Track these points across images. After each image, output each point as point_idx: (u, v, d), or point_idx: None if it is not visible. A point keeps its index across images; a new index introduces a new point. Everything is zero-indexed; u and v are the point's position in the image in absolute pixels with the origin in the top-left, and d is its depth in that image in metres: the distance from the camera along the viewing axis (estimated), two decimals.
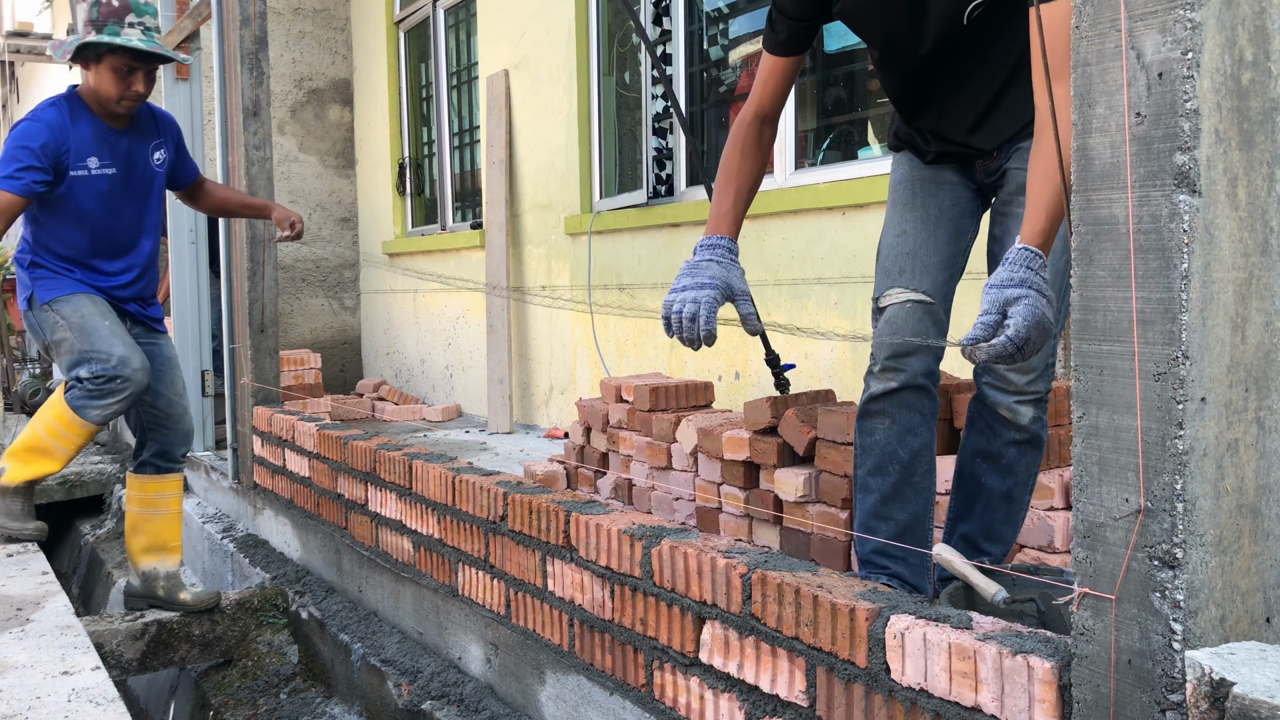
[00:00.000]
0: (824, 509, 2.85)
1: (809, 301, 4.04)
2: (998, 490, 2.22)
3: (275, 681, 3.76)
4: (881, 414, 2.18)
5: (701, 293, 1.95)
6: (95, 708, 2.41)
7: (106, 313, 3.32)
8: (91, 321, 3.26)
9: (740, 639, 1.91)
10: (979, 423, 2.23)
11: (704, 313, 1.93)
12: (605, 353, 5.27)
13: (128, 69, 3.18)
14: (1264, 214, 1.28)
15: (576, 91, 5.42)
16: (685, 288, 1.96)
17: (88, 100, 3.29)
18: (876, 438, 2.19)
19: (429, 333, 7.19)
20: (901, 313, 2.16)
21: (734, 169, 2.16)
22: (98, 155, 3.30)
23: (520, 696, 2.67)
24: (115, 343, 3.24)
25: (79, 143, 3.25)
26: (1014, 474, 2.21)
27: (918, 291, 2.16)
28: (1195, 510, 1.23)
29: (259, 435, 4.52)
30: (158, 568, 3.64)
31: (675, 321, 1.95)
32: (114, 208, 3.36)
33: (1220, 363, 1.25)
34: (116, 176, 3.34)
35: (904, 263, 2.18)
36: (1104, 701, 1.31)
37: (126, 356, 3.23)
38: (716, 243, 2.04)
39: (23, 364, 11.53)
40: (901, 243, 2.20)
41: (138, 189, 3.42)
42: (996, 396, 2.15)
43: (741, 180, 2.15)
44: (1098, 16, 1.27)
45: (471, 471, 2.95)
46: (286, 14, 7.85)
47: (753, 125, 2.18)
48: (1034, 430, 2.17)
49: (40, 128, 3.19)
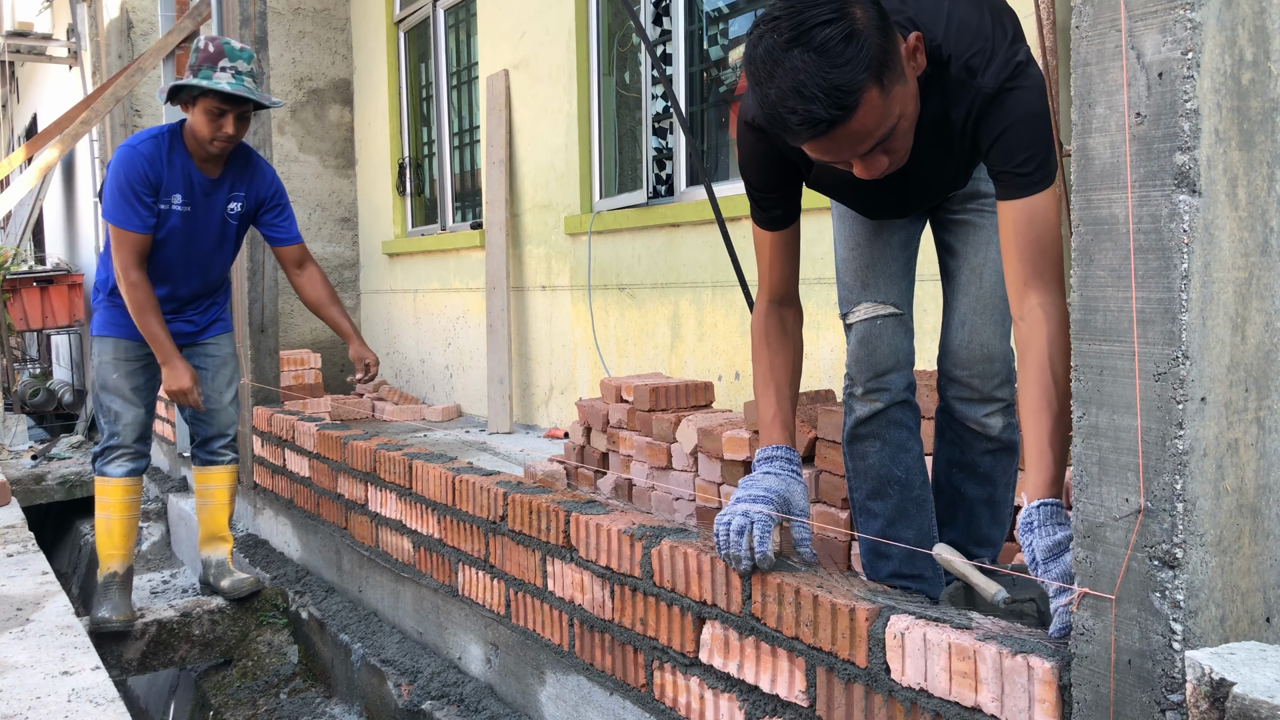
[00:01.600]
0: (824, 509, 2.85)
1: (809, 302, 4.03)
2: (979, 497, 2.20)
3: (275, 681, 3.76)
4: (872, 437, 2.14)
5: (754, 506, 1.79)
6: (95, 708, 2.41)
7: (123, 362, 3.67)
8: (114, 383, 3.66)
9: (740, 639, 1.91)
10: (949, 434, 2.18)
11: (757, 531, 1.77)
12: (605, 353, 5.27)
13: (218, 111, 3.38)
14: (1264, 214, 1.28)
15: (576, 91, 5.42)
16: (739, 500, 1.82)
17: (187, 139, 3.50)
18: (870, 461, 2.15)
19: (429, 333, 7.19)
20: (874, 329, 2.11)
21: (766, 367, 1.99)
22: (181, 192, 3.52)
23: (520, 696, 2.67)
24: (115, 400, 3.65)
25: (170, 178, 3.49)
26: (992, 481, 2.18)
27: (885, 304, 2.10)
28: (1195, 510, 1.23)
29: (259, 435, 4.52)
30: (211, 556, 3.98)
31: (723, 535, 1.80)
32: (184, 246, 3.60)
33: (1220, 363, 1.25)
34: (191, 215, 3.57)
35: (865, 275, 2.12)
36: (1104, 701, 1.31)
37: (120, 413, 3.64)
38: (773, 454, 1.90)
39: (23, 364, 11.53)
40: (857, 256, 2.13)
41: (209, 232, 3.64)
42: (964, 410, 2.11)
43: (779, 376, 1.98)
44: (1098, 16, 1.27)
45: (471, 471, 2.95)
46: (286, 14, 7.85)
47: (771, 314, 2.01)
48: (1006, 438, 2.13)
49: (140, 161, 3.43)
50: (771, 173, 1.92)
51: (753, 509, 1.80)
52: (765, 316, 2.01)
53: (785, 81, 1.49)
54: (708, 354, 4.61)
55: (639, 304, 5.03)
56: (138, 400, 3.69)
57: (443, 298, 6.97)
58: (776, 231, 1.98)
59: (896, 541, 2.16)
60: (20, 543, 3.92)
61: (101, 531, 3.72)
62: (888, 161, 1.63)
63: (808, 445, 2.92)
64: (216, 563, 3.95)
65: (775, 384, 1.98)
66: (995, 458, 2.16)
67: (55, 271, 9.68)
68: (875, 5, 1.55)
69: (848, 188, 1.95)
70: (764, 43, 1.52)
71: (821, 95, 1.48)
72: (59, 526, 6.91)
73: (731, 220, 4.18)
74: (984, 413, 2.10)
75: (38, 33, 10.52)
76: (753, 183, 1.95)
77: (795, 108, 1.49)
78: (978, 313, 2.05)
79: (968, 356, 2.06)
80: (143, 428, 3.72)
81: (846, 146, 1.57)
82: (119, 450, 3.67)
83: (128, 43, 7.48)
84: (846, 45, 1.48)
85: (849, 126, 1.53)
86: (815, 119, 1.50)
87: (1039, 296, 1.63)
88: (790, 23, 1.49)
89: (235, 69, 3.36)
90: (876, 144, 1.58)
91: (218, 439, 3.89)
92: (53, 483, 6.72)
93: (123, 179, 3.42)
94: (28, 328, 9.39)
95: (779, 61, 1.49)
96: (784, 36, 1.49)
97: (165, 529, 5.60)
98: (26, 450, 7.73)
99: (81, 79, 8.99)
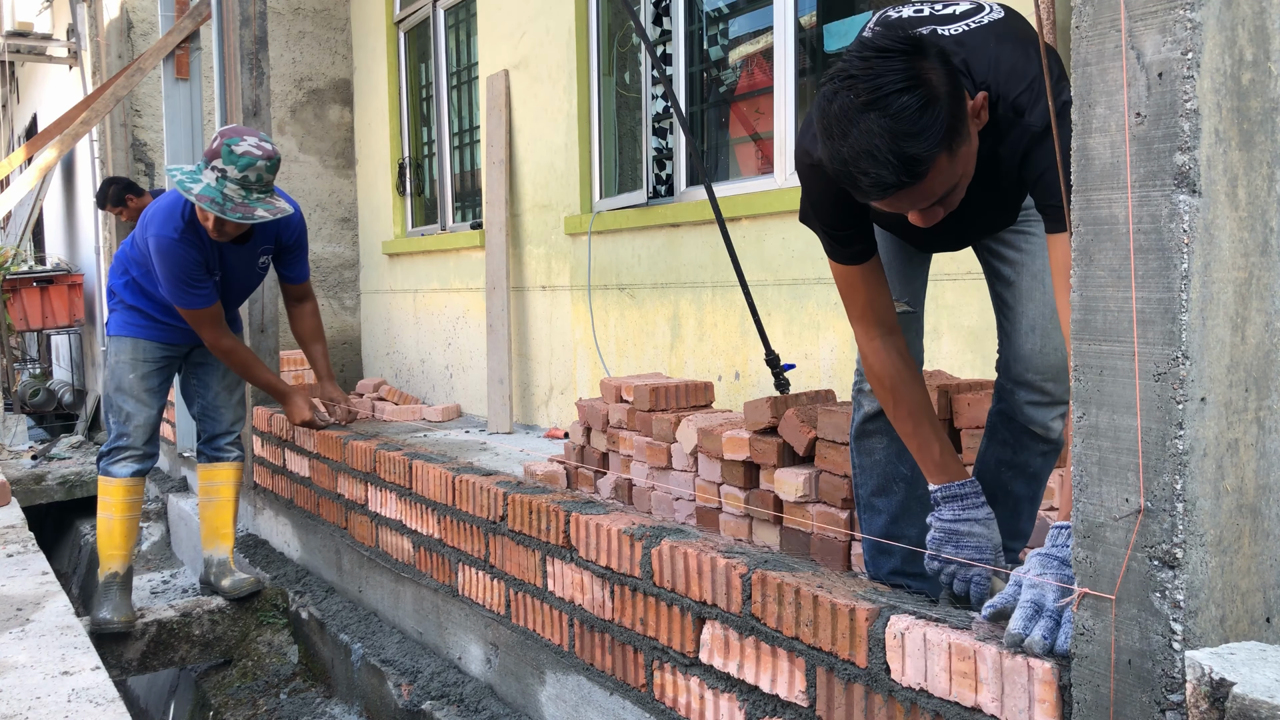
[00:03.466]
0: (824, 509, 2.84)
1: (809, 301, 4.03)
2: (1025, 495, 2.21)
3: (275, 681, 3.76)
4: (880, 433, 2.16)
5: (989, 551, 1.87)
6: (95, 708, 2.41)
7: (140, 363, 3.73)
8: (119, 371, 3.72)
9: (740, 639, 1.91)
10: (1003, 434, 2.19)
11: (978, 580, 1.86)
12: (605, 353, 5.27)
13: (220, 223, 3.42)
14: (1264, 214, 1.28)
15: (576, 91, 5.42)
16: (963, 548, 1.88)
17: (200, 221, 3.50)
18: (877, 457, 2.17)
19: (429, 333, 7.19)
20: None
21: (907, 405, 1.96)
22: (219, 266, 3.65)
23: (520, 696, 2.67)
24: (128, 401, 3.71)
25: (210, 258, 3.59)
26: (1039, 480, 2.21)
27: (900, 302, 2.14)
28: (1195, 510, 1.23)
29: (259, 435, 4.52)
30: (213, 555, 3.98)
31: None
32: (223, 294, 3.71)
33: (1220, 363, 1.25)
34: (227, 276, 3.68)
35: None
36: (1104, 701, 1.31)
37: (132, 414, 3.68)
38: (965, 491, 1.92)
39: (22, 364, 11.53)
40: None
41: (243, 281, 3.77)
42: (1033, 413, 2.11)
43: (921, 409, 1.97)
44: (1098, 16, 1.27)
45: (471, 471, 2.94)
46: (286, 14, 7.85)
47: (889, 347, 1.99)
48: (1060, 440, 2.15)
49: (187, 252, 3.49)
50: (843, 209, 1.93)
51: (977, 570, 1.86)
52: (884, 351, 1.98)
53: (859, 143, 1.52)
54: (708, 354, 4.61)
55: (639, 304, 5.03)
56: (151, 402, 3.72)
57: (443, 298, 6.97)
58: (862, 265, 1.98)
59: (899, 539, 2.17)
60: (20, 543, 3.92)
61: (103, 531, 3.73)
62: (943, 212, 1.68)
63: (807, 445, 2.92)
64: (218, 562, 3.96)
65: (930, 419, 1.97)
66: (1046, 459, 2.18)
67: (55, 271, 9.67)
68: (946, 65, 1.58)
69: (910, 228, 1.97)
70: (839, 100, 1.55)
71: (895, 161, 1.51)
72: (59, 526, 6.91)
73: (731, 220, 4.18)
74: (1052, 416, 2.11)
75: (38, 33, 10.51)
76: (827, 223, 1.95)
77: (867, 169, 1.53)
78: (1047, 317, 2.06)
79: (1043, 362, 2.06)
80: (152, 429, 3.75)
81: (909, 203, 1.62)
82: (127, 451, 3.69)
83: (128, 43, 7.48)
84: (921, 115, 1.51)
85: (916, 188, 1.57)
86: (885, 183, 1.54)
87: None
88: (867, 85, 1.52)
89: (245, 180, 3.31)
90: (938, 200, 1.64)
91: (224, 436, 3.92)
92: (53, 483, 6.72)
93: (179, 271, 3.49)
94: (28, 328, 9.39)
95: (854, 121, 1.52)
96: (861, 98, 1.52)
97: (165, 529, 5.60)
98: (26, 450, 7.73)
99: (81, 79, 8.99)
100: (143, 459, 3.72)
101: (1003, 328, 2.15)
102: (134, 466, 3.70)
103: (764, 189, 4.27)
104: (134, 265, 3.74)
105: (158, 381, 3.73)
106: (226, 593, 3.88)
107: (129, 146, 7.50)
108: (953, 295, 3.42)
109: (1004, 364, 2.16)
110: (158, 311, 3.73)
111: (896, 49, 1.54)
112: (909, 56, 1.54)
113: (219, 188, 3.31)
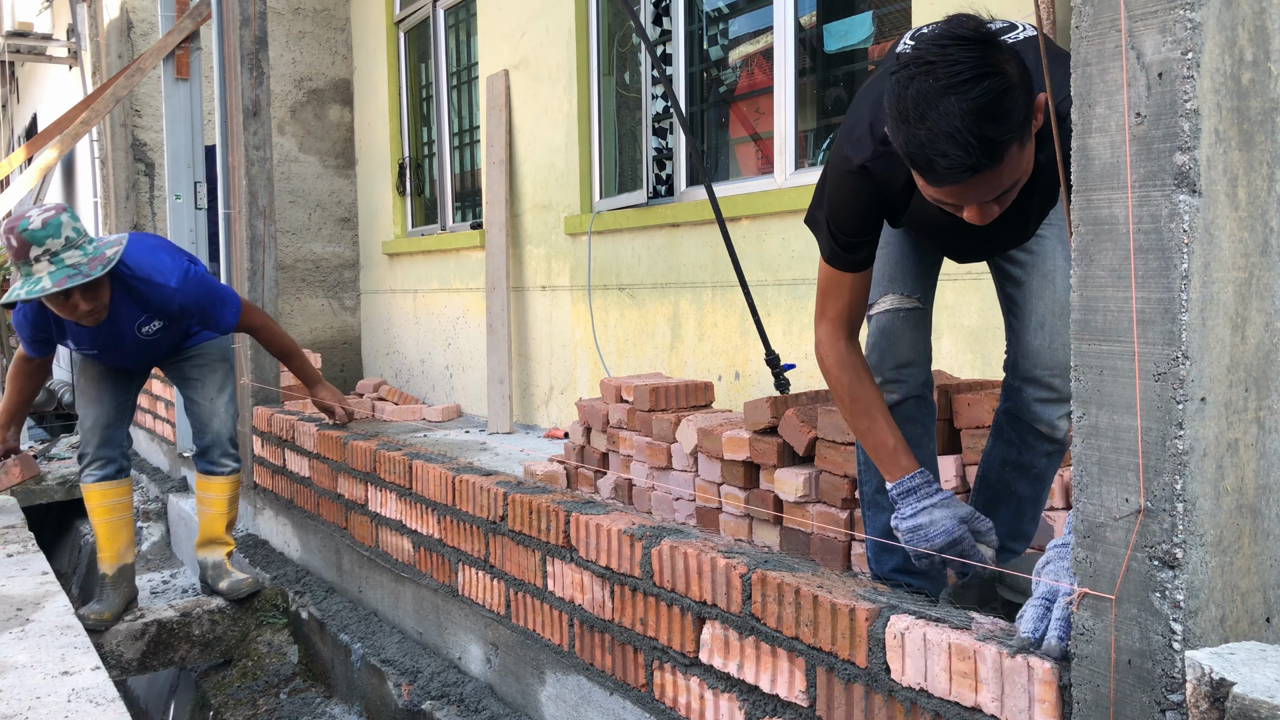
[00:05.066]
0: (824, 509, 2.84)
1: (809, 301, 4.03)
2: (1028, 496, 2.22)
3: (275, 681, 3.76)
4: None
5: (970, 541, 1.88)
6: (95, 708, 2.41)
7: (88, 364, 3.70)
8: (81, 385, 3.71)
9: (740, 639, 1.91)
10: (1009, 434, 2.20)
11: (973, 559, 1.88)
12: (605, 353, 5.27)
13: (62, 298, 3.12)
14: (1264, 214, 1.28)
15: (576, 91, 5.42)
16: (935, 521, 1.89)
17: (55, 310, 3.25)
18: None
19: (429, 333, 7.18)
20: (896, 321, 2.15)
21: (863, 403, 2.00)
22: (76, 342, 3.50)
23: (520, 696, 2.67)
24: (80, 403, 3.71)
25: (59, 334, 3.49)
26: (1044, 481, 2.21)
27: (910, 298, 2.15)
28: (1195, 510, 1.23)
29: (259, 435, 4.52)
30: (207, 558, 4.00)
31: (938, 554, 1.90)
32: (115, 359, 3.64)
33: (1220, 363, 1.25)
34: (102, 355, 3.59)
35: (892, 270, 2.17)
36: (1104, 701, 1.31)
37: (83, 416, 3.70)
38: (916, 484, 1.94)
39: None
40: (885, 254, 2.18)
41: (135, 347, 3.57)
42: (1041, 411, 2.12)
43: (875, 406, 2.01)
44: (1098, 16, 1.27)
45: (471, 471, 2.95)
46: (286, 14, 7.84)
47: (851, 348, 2.04)
48: (1065, 441, 2.16)
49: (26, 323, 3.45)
50: (872, 219, 1.96)
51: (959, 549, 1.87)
52: (847, 351, 2.02)
53: (939, 125, 1.54)
54: (708, 354, 4.61)
55: (639, 304, 5.03)
56: (102, 399, 3.68)
57: (443, 298, 6.97)
58: (857, 273, 2.01)
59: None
60: (20, 543, 3.92)
61: (94, 534, 3.76)
62: (998, 210, 1.69)
63: (807, 445, 2.92)
64: (213, 564, 3.97)
65: (882, 413, 1.99)
66: (1051, 460, 2.18)
67: None
68: (1020, 62, 1.61)
69: (941, 231, 2.00)
70: (916, 85, 1.57)
71: (975, 143, 1.53)
72: (59, 526, 6.90)
73: (731, 220, 4.18)
74: (1059, 414, 2.11)
75: (38, 33, 10.51)
76: (849, 229, 1.96)
77: (946, 151, 1.55)
78: (1057, 315, 2.08)
79: (1050, 358, 2.08)
80: (103, 431, 3.68)
81: (975, 194, 1.63)
82: (87, 458, 3.69)
83: (128, 43, 7.48)
84: (1001, 100, 1.54)
85: (988, 175, 1.59)
86: (963, 165, 1.55)
87: None
88: (947, 70, 1.54)
89: (48, 250, 3.04)
90: (1001, 194, 1.64)
91: (214, 448, 3.87)
92: (53, 483, 6.71)
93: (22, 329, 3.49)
94: None
95: (932, 105, 1.54)
96: (940, 82, 1.54)
97: (165, 529, 5.59)
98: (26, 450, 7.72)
99: (81, 79, 8.99)
100: (104, 464, 3.68)
101: (1011, 326, 2.17)
102: (97, 473, 3.67)
103: (764, 189, 4.27)
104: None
105: (108, 388, 3.68)
106: (225, 594, 3.88)
107: (129, 146, 7.50)
108: (953, 295, 3.42)
109: (1012, 362, 2.17)
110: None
111: (974, 38, 1.57)
112: (986, 46, 1.56)
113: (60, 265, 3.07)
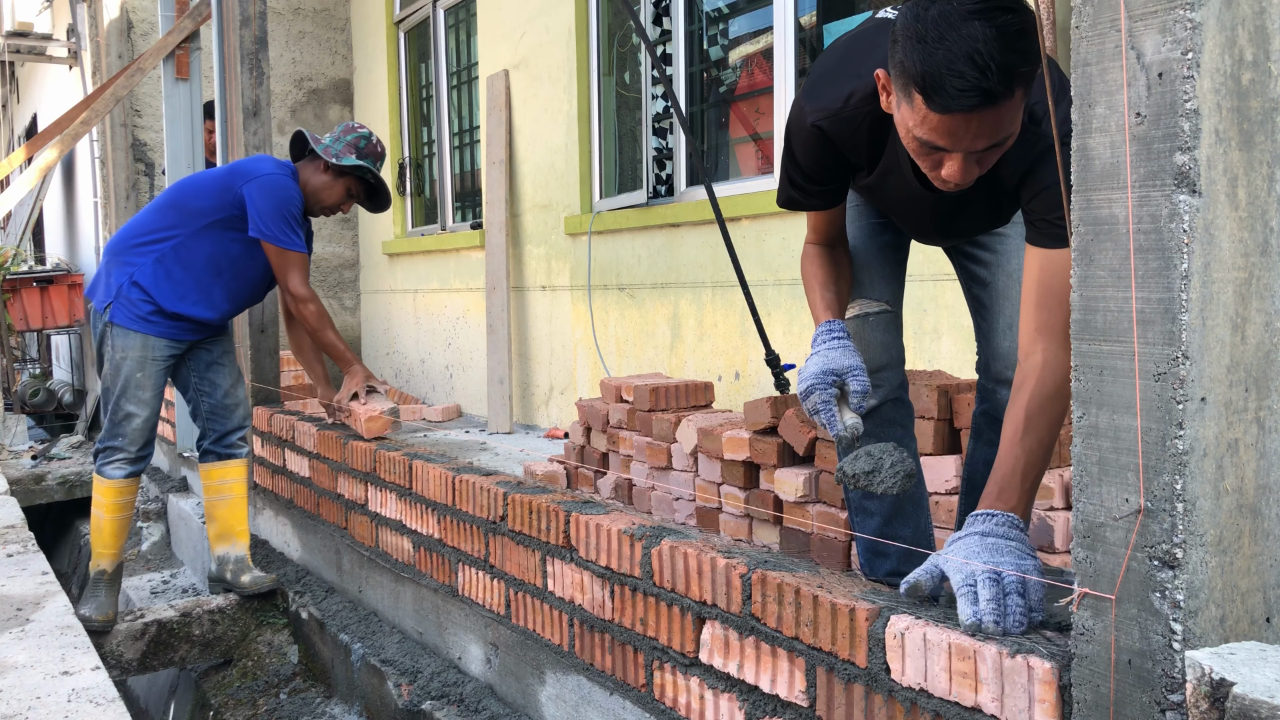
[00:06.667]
0: (824, 509, 2.84)
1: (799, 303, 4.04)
2: None
3: (275, 681, 3.76)
4: (868, 435, 2.15)
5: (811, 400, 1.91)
6: (95, 708, 2.41)
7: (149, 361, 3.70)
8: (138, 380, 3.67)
9: (740, 639, 1.91)
10: (988, 435, 2.19)
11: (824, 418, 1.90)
12: (605, 353, 5.27)
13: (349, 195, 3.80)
14: (1264, 214, 1.28)
15: (576, 91, 5.42)
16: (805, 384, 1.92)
17: (304, 187, 3.76)
18: None
19: (429, 333, 7.18)
20: (865, 326, 2.14)
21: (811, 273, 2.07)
22: None
23: (520, 696, 2.67)
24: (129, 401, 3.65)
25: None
26: None
27: (879, 302, 2.15)
28: (1195, 510, 1.23)
29: (259, 435, 4.52)
30: (228, 553, 3.95)
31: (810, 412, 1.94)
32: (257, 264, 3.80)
33: (1220, 363, 1.25)
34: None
35: (859, 275, 2.17)
36: (1104, 701, 1.31)
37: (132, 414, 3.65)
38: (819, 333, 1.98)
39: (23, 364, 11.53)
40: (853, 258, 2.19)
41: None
42: None
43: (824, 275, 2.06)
44: (1098, 16, 1.27)
45: (471, 471, 2.95)
46: (286, 14, 7.84)
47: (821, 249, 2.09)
48: None
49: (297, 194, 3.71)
50: (825, 172, 1.97)
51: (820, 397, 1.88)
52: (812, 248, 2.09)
53: (959, 46, 1.52)
54: (708, 354, 4.61)
55: (639, 304, 5.03)
56: (152, 403, 3.68)
57: (443, 298, 6.97)
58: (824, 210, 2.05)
59: (894, 539, 2.17)
60: (20, 543, 3.92)
61: (94, 528, 3.73)
62: (977, 173, 1.67)
63: (807, 445, 2.92)
64: (235, 559, 3.94)
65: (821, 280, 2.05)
66: None
67: (55, 271, 9.66)
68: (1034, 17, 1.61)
69: (902, 205, 2.00)
70: (939, 6, 1.55)
71: (994, 68, 1.51)
72: (59, 526, 6.91)
73: (731, 220, 4.18)
74: None
75: (38, 33, 10.51)
76: (803, 172, 1.98)
77: (964, 72, 1.52)
78: None
79: None
80: (150, 432, 3.71)
81: (969, 135, 1.60)
82: (121, 453, 3.66)
83: (128, 43, 7.48)
84: (1021, 36, 1.53)
85: (991, 113, 1.56)
86: (977, 89, 1.52)
87: (1047, 344, 1.69)
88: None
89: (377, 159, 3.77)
90: (991, 146, 1.62)
91: (236, 431, 3.93)
92: (53, 483, 6.72)
93: (291, 209, 3.64)
94: (28, 328, 9.38)
95: (955, 27, 1.53)
96: (965, 6, 1.53)
97: (165, 529, 5.60)
98: (26, 450, 7.73)
99: (81, 79, 8.99)
100: (136, 461, 3.69)
101: (980, 329, 2.17)
102: (128, 469, 3.67)
103: (764, 189, 4.27)
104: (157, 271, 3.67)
105: (163, 382, 3.71)
106: (246, 588, 3.86)
107: (129, 146, 7.50)
108: (953, 295, 3.42)
109: (984, 364, 2.18)
110: (176, 301, 3.65)
111: None
112: None
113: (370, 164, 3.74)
